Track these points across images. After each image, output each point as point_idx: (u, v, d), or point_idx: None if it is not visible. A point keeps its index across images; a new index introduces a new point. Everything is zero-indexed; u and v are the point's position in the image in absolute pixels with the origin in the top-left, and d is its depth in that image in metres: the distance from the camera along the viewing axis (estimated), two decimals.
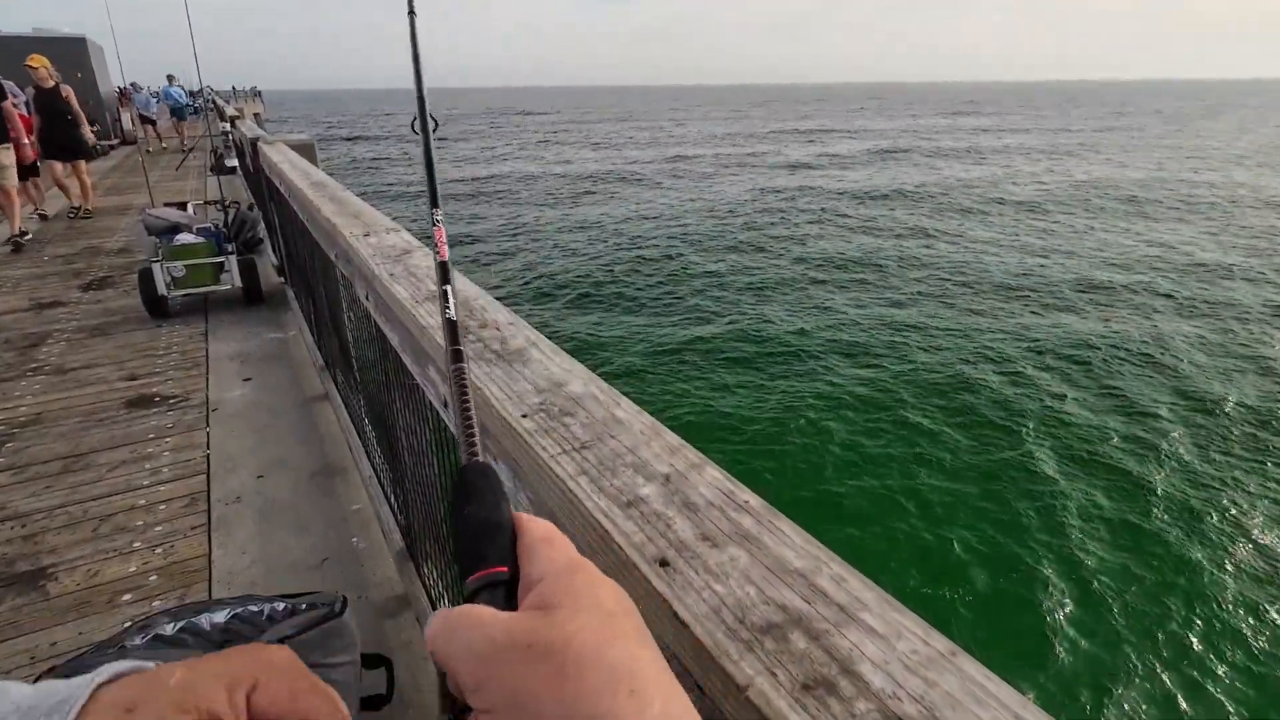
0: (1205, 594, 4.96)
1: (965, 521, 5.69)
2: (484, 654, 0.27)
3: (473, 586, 0.31)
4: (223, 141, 9.64)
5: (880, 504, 5.91)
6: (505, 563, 0.32)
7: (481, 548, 0.33)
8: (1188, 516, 5.79)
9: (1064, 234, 16.03)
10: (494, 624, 0.28)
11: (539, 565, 0.31)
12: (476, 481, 0.37)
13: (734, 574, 0.50)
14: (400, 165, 30.08)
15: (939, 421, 7.20)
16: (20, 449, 2.91)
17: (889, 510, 5.82)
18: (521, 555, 0.32)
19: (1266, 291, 11.58)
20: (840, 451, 6.70)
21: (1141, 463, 6.51)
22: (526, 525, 0.34)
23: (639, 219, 17.59)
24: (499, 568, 0.32)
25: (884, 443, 6.85)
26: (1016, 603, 4.90)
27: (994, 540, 5.48)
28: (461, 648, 0.27)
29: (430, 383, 1.10)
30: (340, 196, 2.36)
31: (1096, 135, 44.64)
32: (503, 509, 0.35)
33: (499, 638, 0.27)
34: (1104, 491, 6.11)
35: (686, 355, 9.02)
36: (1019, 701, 0.38)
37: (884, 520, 5.70)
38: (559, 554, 0.32)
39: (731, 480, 0.62)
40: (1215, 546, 5.44)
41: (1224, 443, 6.86)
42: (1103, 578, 5.10)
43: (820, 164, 29.54)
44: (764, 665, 0.42)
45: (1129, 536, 5.55)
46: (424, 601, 1.84)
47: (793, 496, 5.96)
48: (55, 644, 1.90)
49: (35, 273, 5.67)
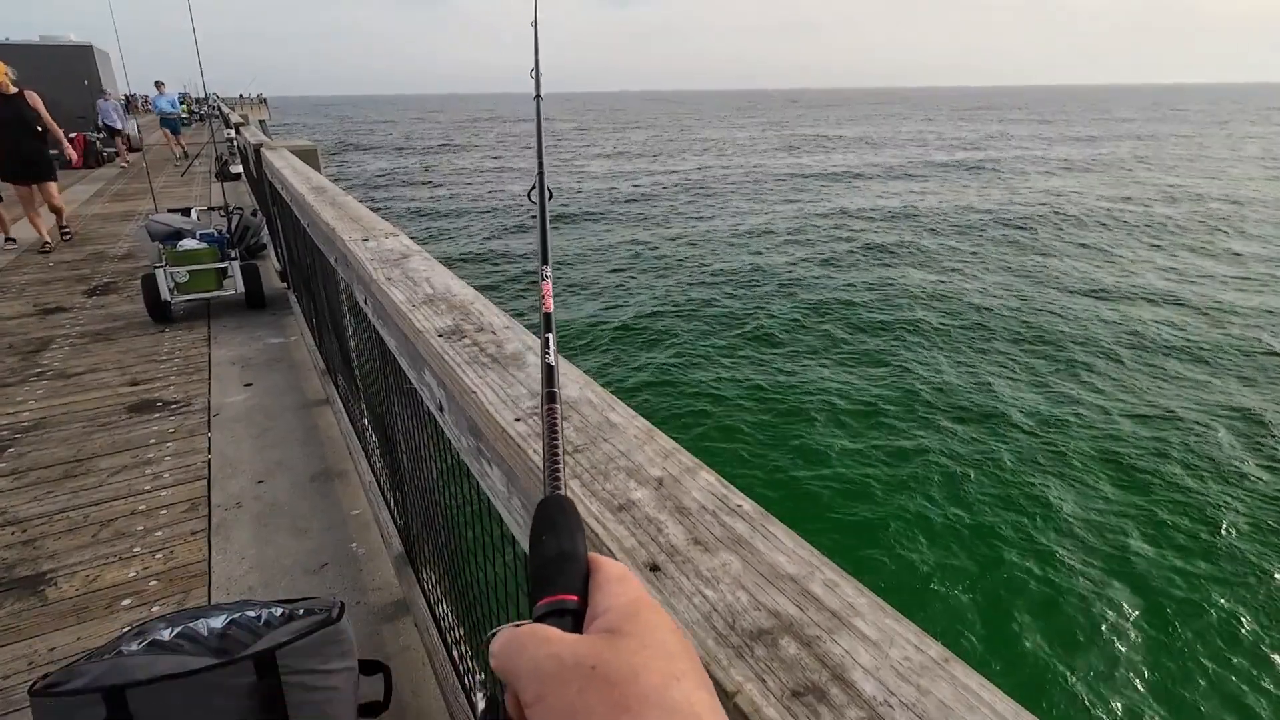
0: (1205, 598, 4.94)
1: (965, 529, 5.67)
2: (549, 671, 0.27)
3: (542, 610, 0.32)
4: (227, 147, 9.69)
5: (880, 507, 5.89)
6: (576, 592, 0.32)
7: (554, 575, 0.33)
8: (1190, 523, 5.76)
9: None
10: (561, 643, 0.28)
11: (608, 598, 0.32)
12: (556, 513, 0.38)
13: (725, 579, 0.49)
14: (402, 175, 29.71)
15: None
16: (22, 454, 2.91)
17: (890, 513, 5.80)
18: (593, 589, 0.33)
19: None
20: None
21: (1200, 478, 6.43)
22: (601, 563, 0.35)
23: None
24: (570, 595, 0.32)
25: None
26: (1012, 610, 4.87)
27: (993, 547, 5.46)
28: (527, 662, 0.28)
29: (426, 387, 1.09)
30: (340, 201, 2.37)
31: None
32: (579, 543, 0.36)
33: (565, 656, 0.27)
34: (1107, 504, 6.08)
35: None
36: (1013, 710, 0.38)
37: (883, 521, 5.68)
38: (628, 590, 0.33)
39: (725, 485, 0.61)
40: (1223, 556, 5.41)
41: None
42: (1101, 585, 5.07)
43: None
44: (754, 671, 0.41)
45: (1129, 543, 5.52)
46: (422, 607, 1.83)
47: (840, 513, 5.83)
48: (53, 649, 1.89)
49: (40, 278, 5.69)
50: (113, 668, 1.20)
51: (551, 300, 0.61)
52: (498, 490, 0.79)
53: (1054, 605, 4.89)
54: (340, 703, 1.34)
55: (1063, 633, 4.67)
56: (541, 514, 0.38)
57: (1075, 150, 37.85)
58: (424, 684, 1.75)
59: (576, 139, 50.06)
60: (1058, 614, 4.82)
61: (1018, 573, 5.19)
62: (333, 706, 1.32)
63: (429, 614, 1.79)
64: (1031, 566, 5.24)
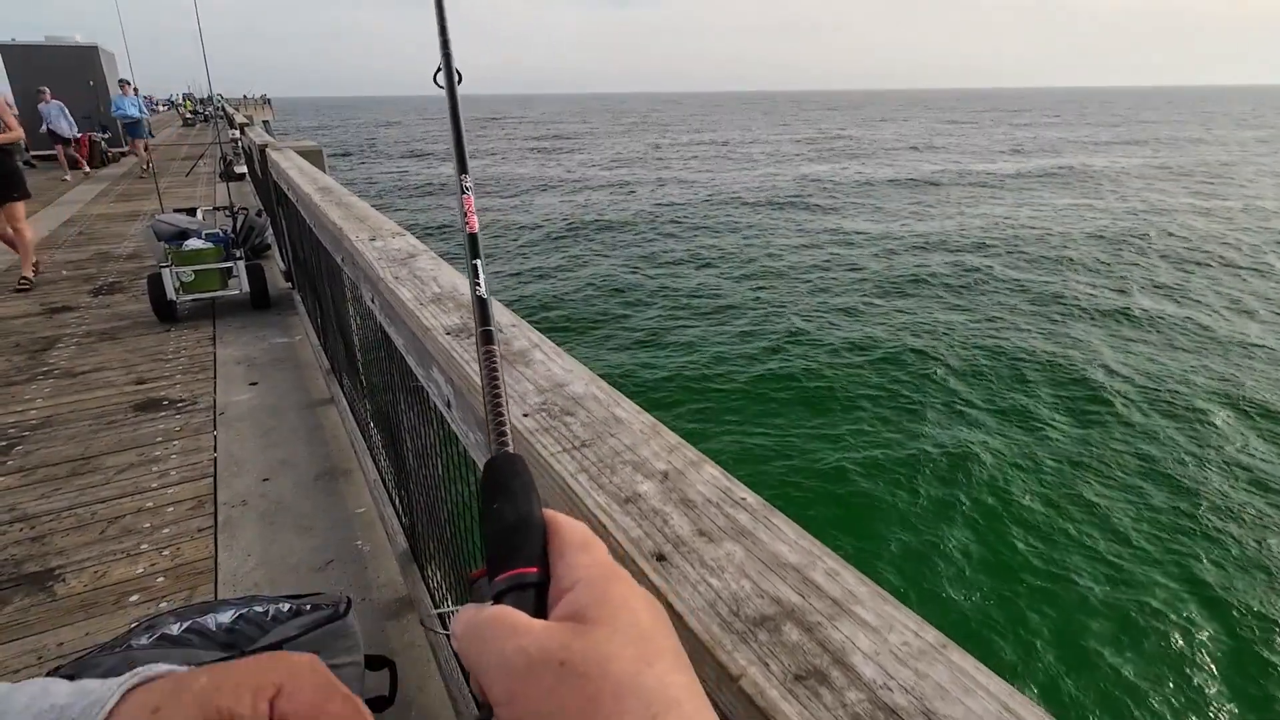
0: (1206, 595, 4.93)
1: (965, 520, 5.67)
2: (516, 668, 0.26)
3: (501, 586, 0.30)
4: (231, 148, 9.73)
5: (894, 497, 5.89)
6: (536, 563, 0.30)
7: (511, 545, 0.31)
8: (1192, 516, 5.75)
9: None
10: (527, 634, 0.27)
11: (573, 570, 0.30)
12: (506, 474, 0.35)
13: (729, 568, 0.51)
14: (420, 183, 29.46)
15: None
16: (30, 451, 2.94)
17: (894, 507, 5.81)
18: (553, 557, 0.31)
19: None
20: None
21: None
22: (561, 526, 0.32)
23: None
24: (529, 568, 0.30)
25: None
26: (1009, 598, 4.88)
27: (990, 540, 5.46)
28: (493, 657, 0.27)
29: (434, 384, 1.11)
30: (346, 201, 2.38)
31: None
32: (534, 506, 0.33)
33: (532, 651, 0.26)
34: (1111, 498, 6.08)
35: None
36: (1007, 691, 0.39)
37: (887, 512, 5.69)
38: (594, 559, 0.30)
39: (729, 478, 0.63)
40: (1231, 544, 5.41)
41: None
42: (1099, 576, 5.07)
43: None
44: (757, 656, 0.42)
45: (1127, 534, 5.52)
46: (427, 603, 1.85)
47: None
48: (62, 644, 1.91)
49: (47, 277, 5.72)
50: (123, 661, 1.21)
51: (475, 219, 0.47)
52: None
53: (1051, 594, 4.91)
54: None
55: (1059, 620, 4.69)
56: (491, 476, 0.35)
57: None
58: (429, 679, 1.77)
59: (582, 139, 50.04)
60: (1055, 602, 4.85)
61: (1017, 561, 5.24)
62: None
63: (434, 611, 1.80)
64: (1030, 556, 5.26)
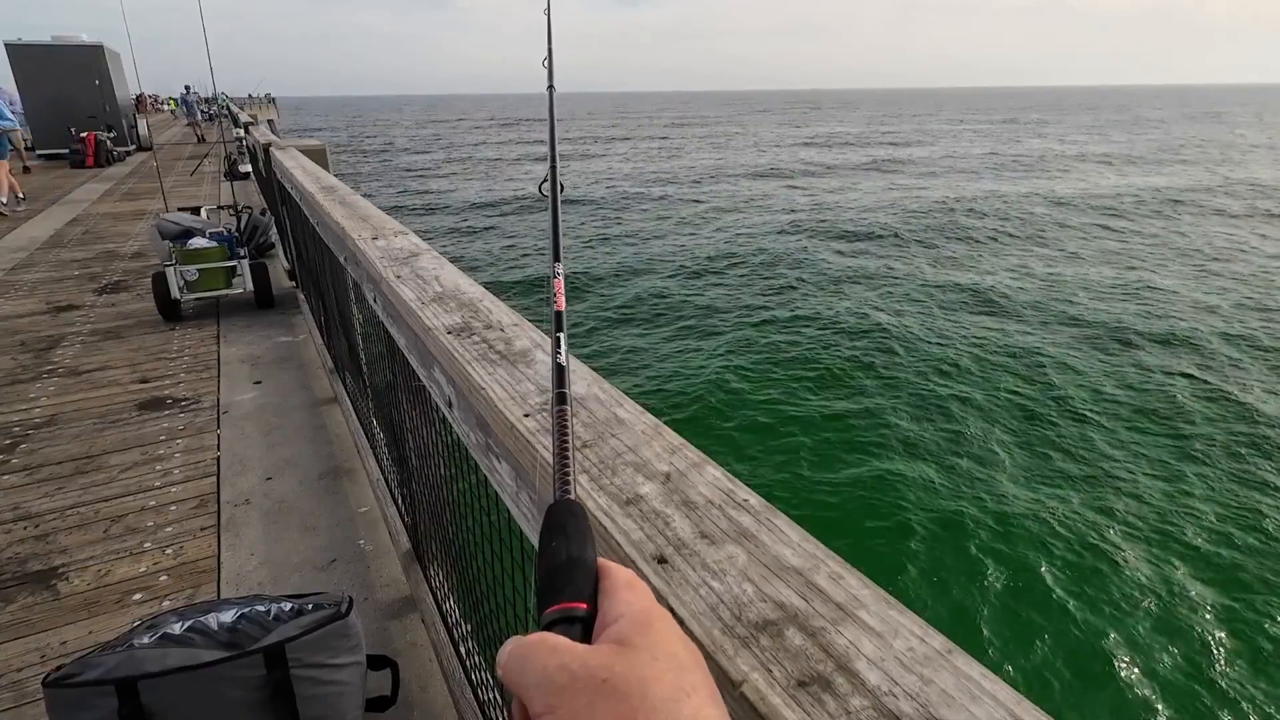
0: (1212, 594, 4.90)
1: (973, 525, 5.65)
2: (559, 683, 0.27)
3: (550, 617, 0.31)
4: (236, 147, 9.75)
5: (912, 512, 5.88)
6: (585, 600, 0.32)
7: (563, 581, 0.33)
8: (1198, 519, 5.72)
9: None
10: (570, 653, 0.28)
11: (618, 605, 0.31)
12: (565, 518, 0.37)
13: (732, 571, 0.50)
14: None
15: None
16: (35, 450, 2.94)
17: (899, 508, 5.79)
18: (602, 596, 0.32)
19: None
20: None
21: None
22: (610, 569, 0.34)
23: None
24: (579, 603, 0.32)
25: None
26: (1016, 603, 4.86)
27: (997, 543, 5.44)
28: (536, 673, 0.27)
29: (435, 383, 1.10)
30: (350, 200, 2.38)
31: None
32: (589, 549, 0.35)
33: (575, 667, 0.27)
34: (1114, 502, 6.05)
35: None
36: (1014, 699, 0.38)
37: (893, 516, 5.67)
38: (639, 598, 0.32)
39: (731, 479, 0.62)
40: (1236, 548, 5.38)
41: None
42: (1111, 581, 5.05)
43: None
44: (759, 661, 0.42)
45: (1130, 537, 5.49)
46: (430, 603, 1.85)
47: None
48: (65, 642, 1.91)
49: (52, 276, 5.74)
50: (125, 660, 1.21)
51: (564, 299, 0.58)
52: (506, 485, 0.80)
53: (1061, 599, 4.88)
54: (348, 697, 1.35)
55: (1068, 626, 4.66)
56: (551, 519, 0.37)
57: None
58: (431, 679, 1.76)
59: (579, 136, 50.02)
60: (1065, 607, 4.81)
61: (1021, 565, 5.21)
62: (341, 700, 1.33)
63: (436, 610, 1.80)
64: (1039, 561, 5.23)
